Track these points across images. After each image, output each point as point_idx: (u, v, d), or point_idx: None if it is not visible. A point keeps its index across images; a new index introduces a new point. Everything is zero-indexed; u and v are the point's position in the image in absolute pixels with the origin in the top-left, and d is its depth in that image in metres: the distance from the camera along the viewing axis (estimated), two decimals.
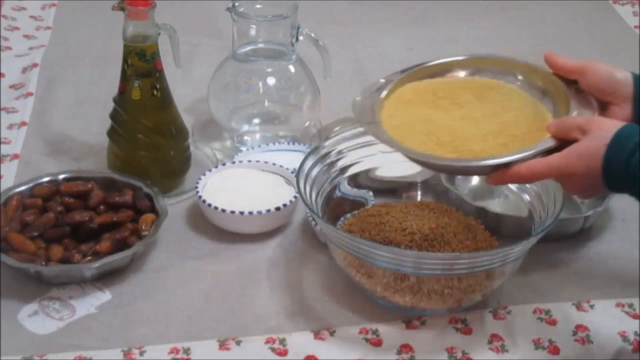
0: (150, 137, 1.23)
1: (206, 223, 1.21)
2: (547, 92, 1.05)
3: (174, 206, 1.24)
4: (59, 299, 1.08)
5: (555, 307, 1.10)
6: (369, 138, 1.19)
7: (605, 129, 0.91)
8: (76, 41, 1.71)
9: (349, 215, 1.17)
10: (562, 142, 0.94)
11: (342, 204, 1.18)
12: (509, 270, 1.06)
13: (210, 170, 1.26)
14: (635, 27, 1.83)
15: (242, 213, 1.17)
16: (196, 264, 1.16)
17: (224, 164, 1.28)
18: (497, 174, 0.95)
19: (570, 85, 1.03)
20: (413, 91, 1.09)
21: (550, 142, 0.95)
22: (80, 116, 1.47)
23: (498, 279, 1.06)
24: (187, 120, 1.33)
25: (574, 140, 0.93)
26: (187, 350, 1.02)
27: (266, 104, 1.39)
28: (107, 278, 1.11)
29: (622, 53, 1.71)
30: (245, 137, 1.39)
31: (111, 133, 1.26)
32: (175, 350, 1.02)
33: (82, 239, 1.13)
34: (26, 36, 1.73)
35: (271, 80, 1.37)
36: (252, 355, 1.02)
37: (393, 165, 1.21)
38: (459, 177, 1.23)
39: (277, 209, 1.18)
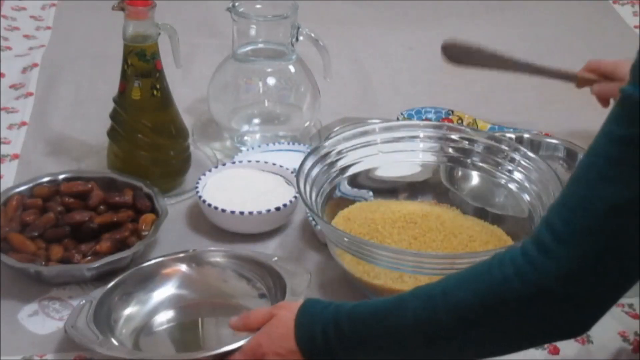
0: (150, 137, 1.23)
1: (206, 223, 1.21)
2: None
3: (174, 206, 1.24)
4: (59, 299, 1.08)
5: None
6: (369, 138, 1.19)
7: (289, 308, 0.90)
8: (76, 41, 1.71)
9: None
10: None
11: (342, 204, 1.18)
12: None
13: (210, 170, 1.26)
14: (635, 27, 1.82)
15: (242, 213, 1.17)
16: None
17: (224, 164, 1.28)
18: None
19: None
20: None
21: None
22: (80, 116, 1.47)
23: None
24: (187, 120, 1.33)
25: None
26: None
27: (266, 104, 1.39)
28: (107, 278, 1.11)
29: (622, 53, 1.71)
30: (245, 137, 1.39)
31: (111, 133, 1.26)
32: None
33: (82, 239, 1.13)
34: (26, 36, 1.73)
35: (271, 80, 1.37)
36: None
37: (393, 165, 1.21)
38: (459, 177, 1.23)
39: (277, 209, 1.18)
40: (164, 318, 1.06)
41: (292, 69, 1.37)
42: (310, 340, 0.87)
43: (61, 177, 1.21)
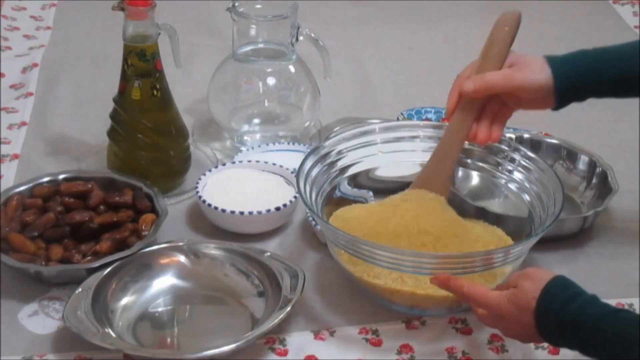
0: (150, 137, 1.23)
1: (206, 223, 1.21)
2: None
3: (174, 206, 1.24)
4: (59, 299, 1.08)
5: None
6: (369, 138, 1.19)
7: (534, 279, 0.92)
8: (76, 41, 1.71)
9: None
10: None
11: (342, 204, 1.18)
12: (509, 270, 1.06)
13: (210, 170, 1.26)
14: (635, 27, 1.82)
15: (242, 213, 1.17)
16: None
17: (224, 164, 1.28)
18: (441, 278, 0.99)
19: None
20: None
21: None
22: (80, 116, 1.47)
23: (498, 278, 1.06)
24: (187, 120, 1.33)
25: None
26: None
27: (266, 104, 1.39)
28: None
29: None
30: (245, 137, 1.39)
31: (111, 133, 1.26)
32: None
33: (82, 239, 1.13)
34: (26, 36, 1.73)
35: (271, 80, 1.37)
36: (252, 355, 1.02)
37: (393, 165, 1.21)
38: (459, 177, 1.23)
39: (277, 209, 1.18)
40: (162, 308, 1.07)
41: (292, 69, 1.37)
42: (546, 326, 0.90)
43: (61, 177, 1.21)
